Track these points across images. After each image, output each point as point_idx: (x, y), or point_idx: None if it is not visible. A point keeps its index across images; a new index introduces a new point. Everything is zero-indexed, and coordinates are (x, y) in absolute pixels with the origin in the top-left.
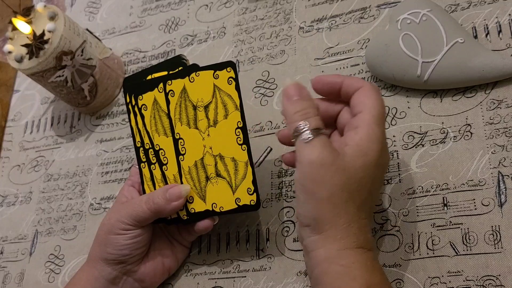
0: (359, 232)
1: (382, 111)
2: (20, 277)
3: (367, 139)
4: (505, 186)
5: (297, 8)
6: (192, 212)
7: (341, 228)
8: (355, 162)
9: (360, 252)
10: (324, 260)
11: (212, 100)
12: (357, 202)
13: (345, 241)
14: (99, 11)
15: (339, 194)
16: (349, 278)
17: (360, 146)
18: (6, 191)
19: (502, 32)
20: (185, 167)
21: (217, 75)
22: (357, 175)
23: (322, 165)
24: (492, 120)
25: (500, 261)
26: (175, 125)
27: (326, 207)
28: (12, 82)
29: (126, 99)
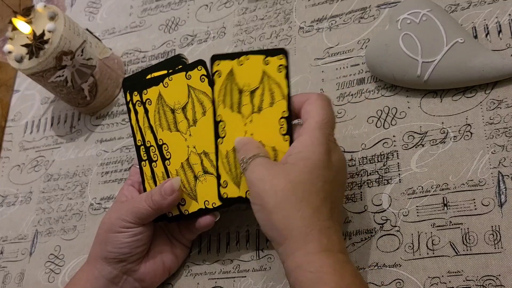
0: (320, 235)
1: (327, 117)
2: (20, 277)
3: (308, 143)
4: (505, 186)
5: (297, 8)
6: (225, 197)
7: (298, 233)
8: (296, 166)
9: (327, 255)
10: (295, 268)
11: (260, 86)
12: (313, 205)
13: (308, 246)
14: (99, 11)
15: (285, 200)
16: (319, 285)
17: (300, 152)
18: (6, 191)
19: (502, 32)
20: (223, 151)
21: (268, 61)
22: (302, 178)
23: (259, 179)
24: (492, 120)
25: (500, 261)
26: (218, 107)
27: (277, 213)
28: (12, 82)
29: (126, 98)
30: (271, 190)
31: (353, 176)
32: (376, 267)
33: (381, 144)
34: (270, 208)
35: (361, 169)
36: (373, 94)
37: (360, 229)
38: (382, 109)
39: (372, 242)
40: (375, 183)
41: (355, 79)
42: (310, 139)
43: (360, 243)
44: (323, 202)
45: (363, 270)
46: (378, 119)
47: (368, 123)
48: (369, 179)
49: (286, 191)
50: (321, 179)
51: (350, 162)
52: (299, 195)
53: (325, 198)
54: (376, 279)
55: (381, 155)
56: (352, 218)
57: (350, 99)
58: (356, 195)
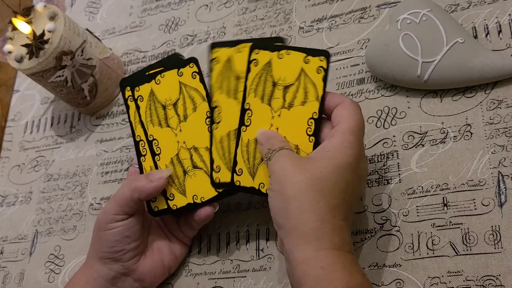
0: (333, 232)
1: (359, 124)
2: (20, 277)
3: (338, 145)
4: (505, 186)
5: (297, 8)
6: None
7: (312, 226)
8: (322, 163)
9: (337, 253)
10: (302, 262)
11: (295, 82)
12: (330, 203)
13: (320, 241)
14: (99, 11)
15: (305, 192)
16: (328, 281)
17: (329, 151)
18: (6, 191)
19: (502, 32)
20: (245, 139)
21: (308, 60)
22: (325, 175)
23: (282, 168)
24: (492, 120)
25: (500, 261)
26: (248, 95)
27: (293, 203)
28: (12, 82)
29: (124, 95)
30: (292, 180)
31: None
32: (376, 267)
33: (381, 144)
34: (287, 197)
35: None
36: (373, 94)
37: (360, 229)
38: (382, 109)
39: (372, 242)
40: (375, 183)
41: (355, 79)
42: (342, 141)
43: (360, 243)
44: (341, 203)
45: (363, 270)
46: (378, 119)
47: (368, 123)
48: (369, 179)
49: (307, 183)
50: (345, 181)
51: None
52: (319, 192)
53: (344, 200)
54: (376, 279)
55: (381, 155)
56: None
57: None
58: None
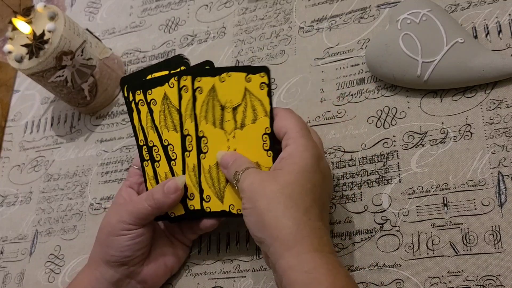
0: (311, 234)
1: (303, 126)
2: (20, 277)
3: (295, 151)
4: (505, 186)
5: (297, 8)
6: (208, 211)
7: (289, 232)
8: (287, 170)
9: (319, 255)
10: (287, 269)
11: (242, 103)
12: (302, 206)
13: (300, 245)
14: (99, 11)
15: (276, 201)
16: (315, 284)
17: (288, 158)
18: (6, 191)
19: (502, 32)
20: (206, 166)
21: (250, 78)
22: (290, 180)
23: (251, 184)
24: (492, 120)
25: (500, 261)
26: (200, 122)
27: (267, 214)
28: (12, 82)
29: (128, 97)
30: (262, 193)
31: (353, 176)
32: (376, 267)
33: (381, 144)
34: (261, 210)
35: (361, 169)
36: (373, 94)
37: (360, 229)
38: (382, 109)
39: (372, 242)
40: (375, 183)
41: (355, 79)
42: (297, 147)
43: (360, 243)
44: (312, 203)
45: (363, 270)
46: (378, 119)
47: (368, 123)
48: (369, 179)
49: (276, 191)
50: (310, 181)
51: (350, 162)
52: (288, 196)
53: (314, 200)
54: (376, 279)
55: (381, 155)
56: (352, 218)
57: (350, 99)
58: (356, 195)
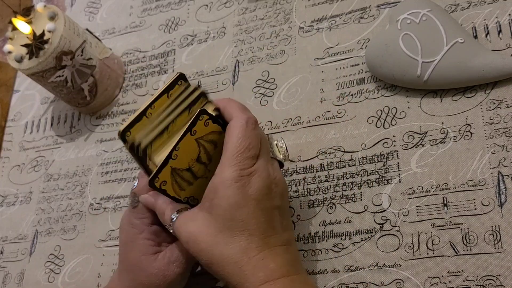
0: (254, 271)
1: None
2: (20, 277)
3: (219, 188)
4: (505, 186)
5: (297, 8)
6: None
7: (236, 273)
8: (212, 216)
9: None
10: None
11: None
12: (242, 239)
13: (248, 284)
14: (99, 11)
15: (213, 241)
16: None
17: (213, 199)
18: (6, 191)
19: (502, 32)
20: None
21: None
22: (219, 227)
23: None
24: (492, 120)
25: (500, 261)
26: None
27: (210, 259)
28: (12, 82)
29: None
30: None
31: (353, 176)
32: (376, 267)
33: (381, 144)
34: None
35: (361, 169)
36: (373, 94)
37: (360, 229)
38: (382, 109)
39: (372, 242)
40: (375, 183)
41: (355, 79)
42: (220, 181)
43: (360, 243)
44: (249, 237)
45: (363, 270)
46: (378, 119)
47: (368, 123)
48: (369, 179)
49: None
50: (239, 218)
51: (350, 162)
52: (222, 244)
53: (252, 232)
54: (376, 279)
55: (381, 155)
56: (352, 218)
57: (350, 99)
58: (356, 195)
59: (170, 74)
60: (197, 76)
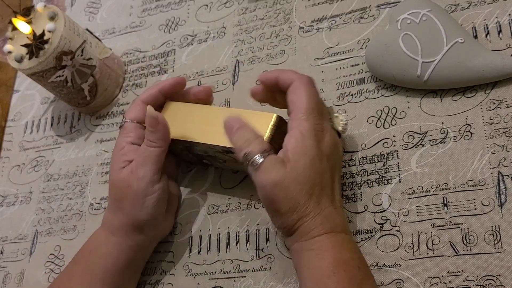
0: (324, 220)
1: (311, 105)
2: (20, 277)
3: (301, 138)
4: (505, 186)
5: (297, 8)
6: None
7: (306, 224)
8: (299, 165)
9: (328, 236)
10: (298, 250)
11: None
12: (314, 198)
13: (312, 232)
14: (99, 11)
15: (297, 201)
16: (318, 259)
17: (297, 148)
18: (6, 191)
19: (502, 32)
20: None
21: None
22: (306, 175)
23: (275, 185)
24: (492, 120)
25: (500, 261)
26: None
27: (289, 217)
28: (12, 82)
29: None
30: (286, 197)
31: (353, 176)
32: (376, 267)
33: (381, 144)
34: (283, 212)
35: (361, 169)
36: (373, 94)
37: (360, 229)
38: (382, 109)
39: (372, 242)
40: (375, 183)
41: (355, 79)
42: (302, 133)
43: (360, 243)
44: (322, 192)
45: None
46: (378, 119)
47: (368, 123)
48: (369, 179)
49: (297, 193)
50: (319, 172)
51: (350, 162)
52: (306, 193)
53: (323, 187)
54: (376, 279)
55: (381, 155)
56: (352, 218)
57: (350, 99)
58: (356, 195)
59: (170, 73)
60: (197, 76)
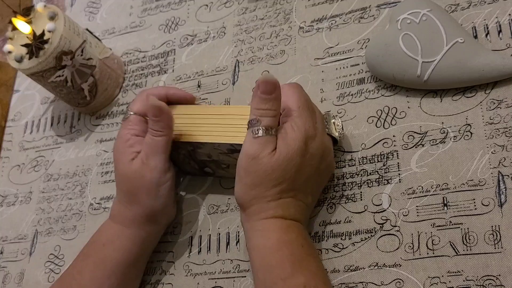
0: (277, 207)
1: (303, 103)
2: (20, 277)
3: (290, 131)
4: (505, 186)
5: (297, 8)
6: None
7: (259, 205)
8: (280, 154)
9: (275, 220)
10: (248, 229)
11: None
12: (279, 187)
13: (262, 213)
14: (99, 11)
15: (261, 182)
16: (264, 239)
17: (284, 140)
18: (6, 191)
19: (502, 32)
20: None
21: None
22: (281, 166)
23: (254, 158)
24: (492, 120)
25: (500, 261)
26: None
27: (249, 191)
28: (12, 82)
29: None
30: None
31: (353, 176)
32: (376, 267)
33: (381, 144)
34: (246, 183)
35: (361, 169)
36: (373, 94)
37: (360, 229)
38: (382, 109)
39: (372, 242)
40: (375, 183)
41: (355, 79)
42: (291, 125)
43: (360, 243)
44: (293, 184)
45: (363, 270)
46: (378, 119)
47: (368, 123)
48: (369, 179)
49: (266, 176)
50: (294, 166)
51: (350, 162)
52: (274, 179)
53: (293, 183)
54: (376, 279)
55: (381, 155)
56: (352, 218)
57: (350, 99)
58: (356, 195)
59: (170, 73)
60: (197, 76)
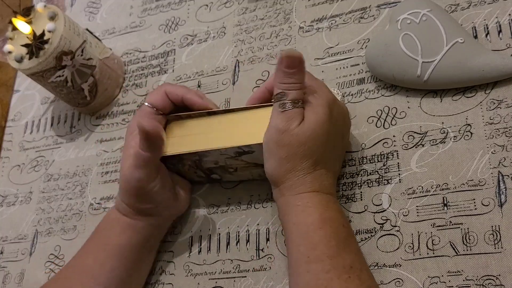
0: (313, 180)
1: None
2: (20, 277)
3: (313, 99)
4: (505, 186)
5: (297, 8)
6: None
7: (295, 179)
8: (311, 124)
9: (314, 194)
10: (284, 204)
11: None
12: (313, 158)
13: (299, 188)
14: (99, 11)
15: (295, 154)
16: (304, 214)
17: (311, 108)
18: (6, 191)
19: (502, 32)
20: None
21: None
22: (313, 134)
23: (285, 131)
24: (492, 120)
25: (500, 261)
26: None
27: (284, 164)
28: (12, 82)
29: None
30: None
31: (353, 176)
32: (376, 267)
33: (381, 144)
34: (280, 157)
35: (361, 169)
36: (373, 94)
37: (360, 229)
38: (382, 109)
39: (372, 242)
40: (375, 183)
41: (355, 79)
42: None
43: (360, 243)
44: (323, 154)
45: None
46: (378, 119)
47: (368, 123)
48: (369, 179)
49: (298, 146)
50: (325, 134)
51: (350, 162)
52: (305, 150)
53: (325, 150)
54: (376, 279)
55: (381, 155)
56: (352, 218)
57: (350, 99)
58: (356, 195)
59: (170, 73)
60: (197, 76)
